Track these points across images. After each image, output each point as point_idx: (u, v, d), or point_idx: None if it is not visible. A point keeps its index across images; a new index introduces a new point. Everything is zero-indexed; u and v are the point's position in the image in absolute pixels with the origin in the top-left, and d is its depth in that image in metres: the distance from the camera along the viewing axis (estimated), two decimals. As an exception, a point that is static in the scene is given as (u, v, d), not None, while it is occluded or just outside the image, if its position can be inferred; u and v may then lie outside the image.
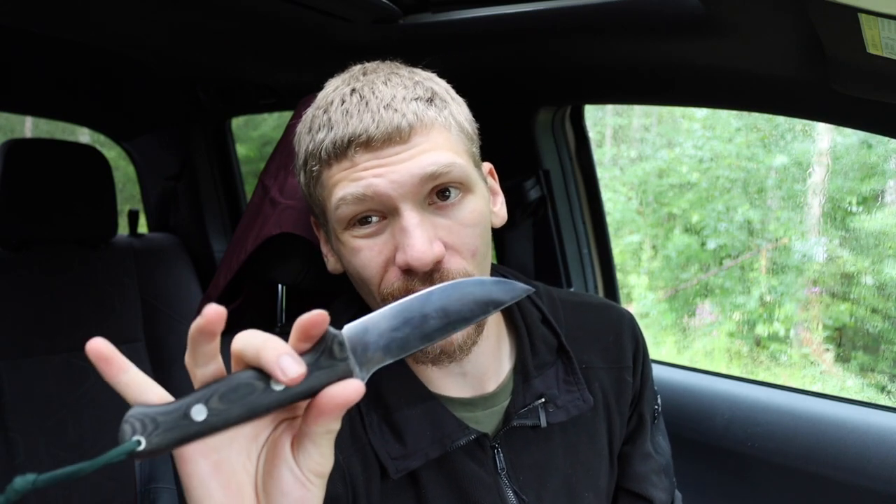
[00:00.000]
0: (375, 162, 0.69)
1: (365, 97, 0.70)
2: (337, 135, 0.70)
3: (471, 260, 0.72)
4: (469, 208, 0.72)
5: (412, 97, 0.71)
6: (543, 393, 0.81)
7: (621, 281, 2.39)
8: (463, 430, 0.76)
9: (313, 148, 0.72)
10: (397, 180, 0.68)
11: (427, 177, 0.69)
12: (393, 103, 0.70)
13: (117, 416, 1.73)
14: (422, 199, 0.70)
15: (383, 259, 0.71)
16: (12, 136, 3.21)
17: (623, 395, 0.89)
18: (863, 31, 0.71)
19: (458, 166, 0.70)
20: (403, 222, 0.68)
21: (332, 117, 0.71)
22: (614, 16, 0.99)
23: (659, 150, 3.73)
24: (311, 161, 0.73)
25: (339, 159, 0.70)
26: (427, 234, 0.68)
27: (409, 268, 0.68)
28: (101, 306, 1.85)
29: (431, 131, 0.71)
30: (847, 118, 1.02)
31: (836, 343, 2.77)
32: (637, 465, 0.91)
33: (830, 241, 2.67)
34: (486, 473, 0.78)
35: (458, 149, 0.73)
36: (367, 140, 0.68)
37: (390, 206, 0.69)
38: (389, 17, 1.15)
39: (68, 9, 1.23)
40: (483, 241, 0.74)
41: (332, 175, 0.71)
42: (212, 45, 1.42)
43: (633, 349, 0.91)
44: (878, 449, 1.09)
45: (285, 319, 1.14)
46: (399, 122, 0.69)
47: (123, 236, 2.02)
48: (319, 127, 0.72)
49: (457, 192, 0.72)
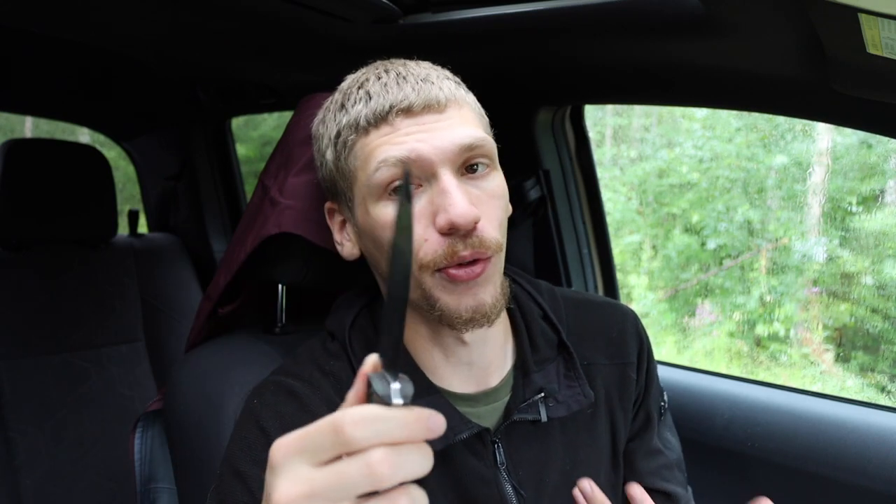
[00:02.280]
0: (417, 128, 0.72)
1: (401, 73, 0.75)
2: (378, 103, 0.72)
3: (499, 230, 0.75)
4: (496, 182, 0.76)
5: (444, 76, 0.77)
6: (543, 387, 0.82)
7: (621, 281, 2.39)
8: (465, 423, 0.77)
9: (348, 120, 0.75)
10: (439, 146, 0.71)
11: (465, 147, 0.72)
12: (429, 78, 0.74)
13: (117, 416, 1.73)
14: (457, 167, 0.73)
15: (422, 227, 0.72)
16: (12, 136, 3.21)
17: (626, 391, 0.89)
18: (863, 31, 0.71)
19: (489, 142, 0.75)
20: (444, 184, 0.71)
21: (370, 90, 0.74)
22: (614, 16, 0.99)
23: (659, 150, 3.73)
24: (346, 132, 0.75)
25: (378, 125, 0.73)
26: (467, 196, 0.72)
27: (453, 226, 0.70)
28: (101, 306, 1.85)
29: (463, 107, 0.76)
30: (847, 118, 1.02)
31: (836, 343, 2.77)
32: (644, 462, 0.91)
33: (830, 241, 2.68)
34: (485, 468, 0.78)
35: (485, 129, 0.78)
36: (408, 107, 0.72)
37: (429, 172, 0.72)
38: (389, 17, 1.15)
39: (68, 9, 1.23)
40: (505, 216, 0.78)
41: (370, 142, 0.73)
42: (212, 45, 1.42)
43: (638, 346, 0.91)
44: (878, 449, 1.09)
45: (285, 319, 1.14)
46: (437, 94, 0.73)
47: (123, 236, 2.02)
48: (355, 101, 0.75)
49: (484, 167, 0.75)
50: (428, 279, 0.73)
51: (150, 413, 1.10)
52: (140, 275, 1.95)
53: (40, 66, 1.87)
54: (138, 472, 1.07)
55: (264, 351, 1.03)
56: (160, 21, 1.27)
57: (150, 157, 2.37)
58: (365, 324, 0.84)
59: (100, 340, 1.84)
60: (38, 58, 1.80)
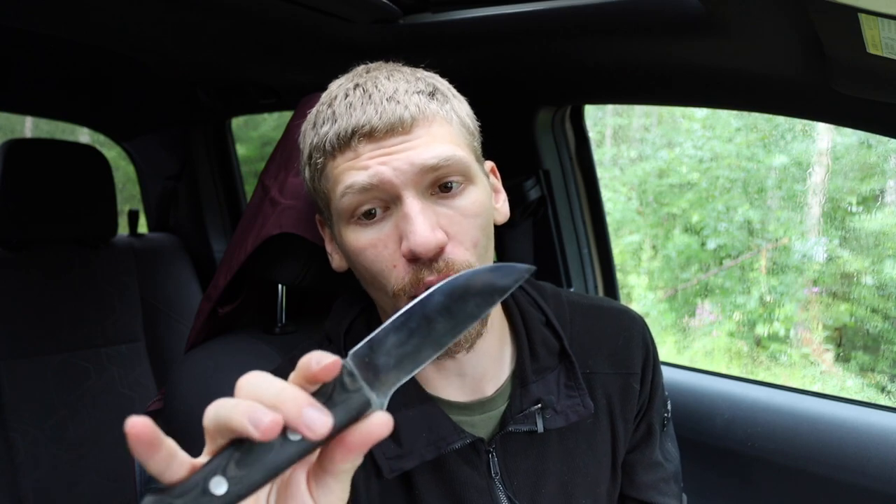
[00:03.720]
0: (379, 151, 0.70)
1: (368, 91, 0.72)
2: (341, 126, 0.71)
3: (472, 250, 0.72)
4: (470, 199, 0.73)
5: (414, 90, 0.73)
6: (541, 398, 0.80)
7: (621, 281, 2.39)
8: (458, 433, 0.76)
9: (318, 141, 0.73)
10: (400, 167, 0.69)
11: (428, 168, 0.69)
12: (395, 96, 0.71)
13: (117, 416, 1.73)
14: (424, 189, 0.71)
15: (389, 254, 0.71)
16: (12, 136, 3.21)
17: (629, 401, 0.87)
18: (863, 31, 0.71)
19: (459, 158, 0.71)
20: (406, 209, 0.69)
21: (335, 111, 0.72)
22: (614, 16, 0.99)
23: (659, 150, 3.73)
24: (316, 154, 0.74)
25: (343, 150, 0.71)
26: (429, 221, 0.69)
27: (414, 255, 0.68)
28: (101, 306, 1.85)
29: (433, 124, 0.72)
30: (847, 118, 1.02)
31: (836, 343, 2.77)
32: (644, 474, 0.89)
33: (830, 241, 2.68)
34: (479, 478, 0.77)
35: (459, 142, 0.74)
36: (370, 131, 0.69)
37: (393, 195, 0.70)
38: (389, 17, 1.15)
39: (68, 9, 1.23)
40: (484, 234, 0.74)
41: (336, 166, 0.72)
42: (212, 45, 1.42)
43: (643, 357, 0.89)
44: (878, 449, 1.09)
45: (285, 319, 1.14)
46: (402, 114, 0.70)
47: (123, 236, 2.02)
48: (324, 121, 0.73)
49: (458, 184, 0.72)
50: (403, 305, 0.72)
51: (149, 413, 1.10)
52: (140, 275, 1.95)
53: (40, 66, 1.87)
54: (138, 472, 1.07)
55: (264, 351, 1.03)
56: (160, 21, 1.28)
57: (150, 157, 2.37)
58: (361, 329, 0.84)
59: (100, 340, 1.84)
60: (38, 58, 1.80)
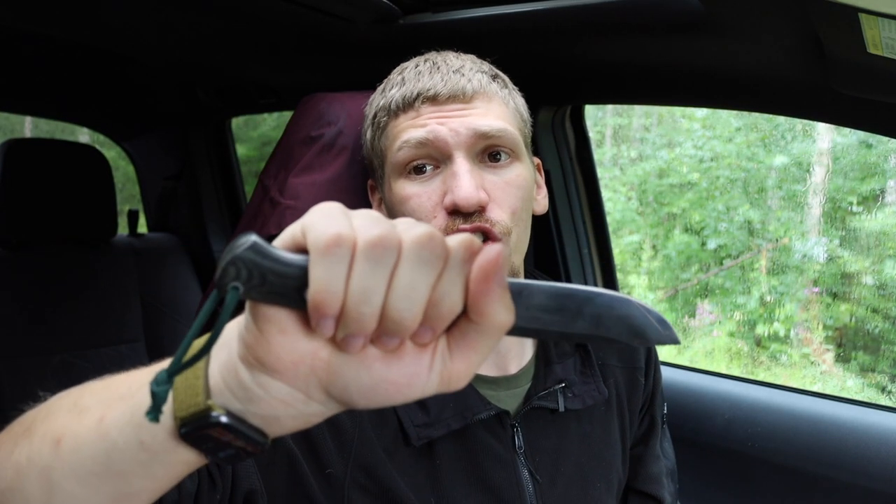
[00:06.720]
0: (439, 113, 0.77)
1: (437, 63, 0.80)
2: (407, 90, 0.78)
3: (510, 216, 0.77)
4: (516, 172, 0.79)
5: (479, 70, 0.81)
6: (563, 378, 0.84)
7: (621, 281, 2.39)
8: (485, 404, 0.78)
9: (384, 103, 0.81)
10: (456, 129, 0.75)
11: (481, 134, 0.76)
12: (461, 70, 0.79)
13: (117, 416, 1.67)
14: (474, 154, 0.77)
15: (431, 205, 0.76)
16: (12, 136, 3.21)
17: (635, 394, 0.92)
18: (863, 31, 0.71)
19: (511, 133, 0.78)
20: (455, 167, 0.75)
21: (405, 77, 0.80)
22: (614, 16, 0.99)
23: (659, 150, 3.73)
24: (381, 114, 0.81)
25: (406, 110, 0.78)
26: (475, 181, 0.75)
27: (455, 207, 0.74)
28: (101, 306, 1.85)
29: (492, 101, 0.79)
30: (847, 118, 1.02)
31: (836, 343, 2.77)
32: (649, 465, 0.94)
33: (830, 241, 2.68)
34: (503, 449, 0.79)
35: (512, 123, 0.81)
36: (433, 95, 0.77)
37: (445, 154, 0.76)
38: (389, 17, 1.15)
39: (69, 9, 1.23)
40: (523, 206, 0.79)
41: (398, 125, 0.79)
42: (212, 45, 1.43)
43: (646, 353, 0.95)
44: (878, 449, 1.09)
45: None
46: (464, 85, 0.77)
47: (123, 236, 2.02)
48: (392, 86, 0.81)
49: (507, 157, 0.79)
50: None
51: (150, 413, 1.09)
52: (140, 275, 1.95)
53: (40, 66, 1.87)
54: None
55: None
56: (160, 21, 1.28)
57: (150, 157, 2.37)
58: None
59: (100, 340, 1.84)
60: (39, 58, 1.80)
